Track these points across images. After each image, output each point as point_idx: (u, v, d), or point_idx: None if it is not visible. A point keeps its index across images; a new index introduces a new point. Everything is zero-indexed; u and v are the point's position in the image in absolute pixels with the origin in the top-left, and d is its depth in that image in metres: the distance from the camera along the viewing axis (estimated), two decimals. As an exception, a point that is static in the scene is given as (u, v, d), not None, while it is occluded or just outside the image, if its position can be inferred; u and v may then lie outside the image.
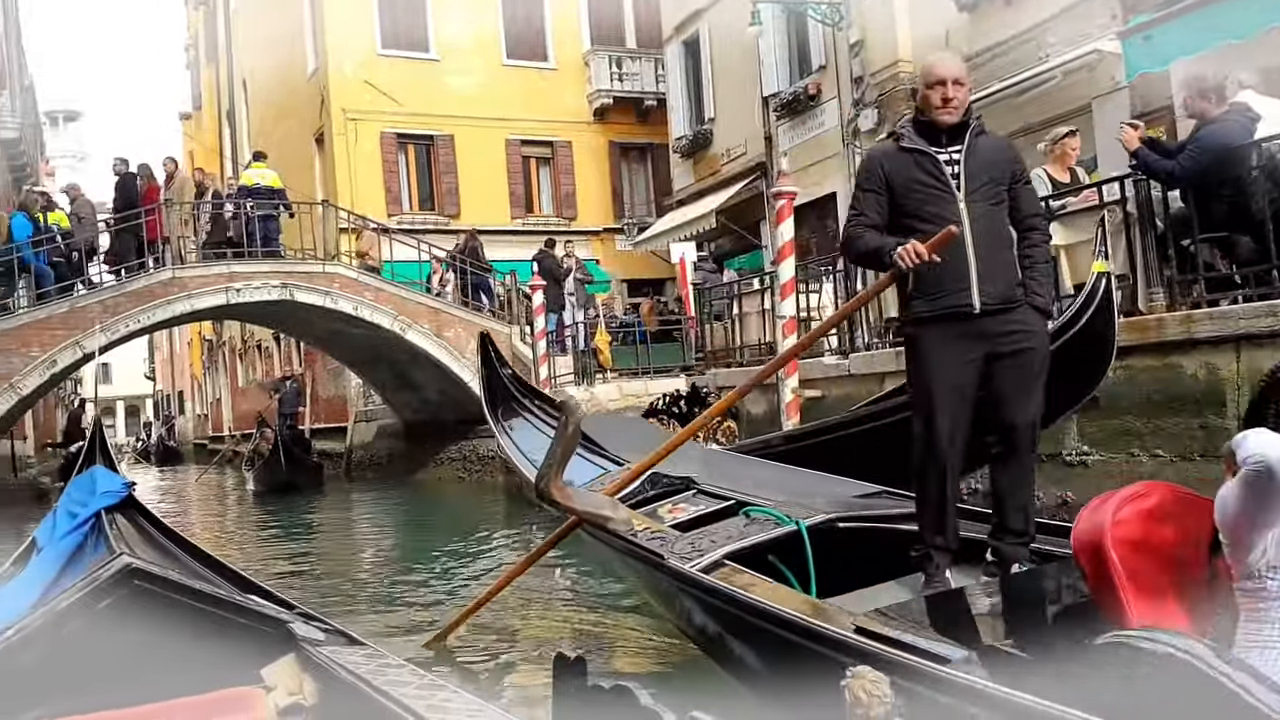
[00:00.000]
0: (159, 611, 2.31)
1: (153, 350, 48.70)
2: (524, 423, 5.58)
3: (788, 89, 16.51)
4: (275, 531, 11.91)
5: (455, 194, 19.96)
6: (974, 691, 2.01)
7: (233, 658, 2.39)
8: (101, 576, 2.29)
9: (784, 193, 9.13)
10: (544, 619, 6.02)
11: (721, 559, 2.86)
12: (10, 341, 11.84)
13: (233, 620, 2.43)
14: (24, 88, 20.46)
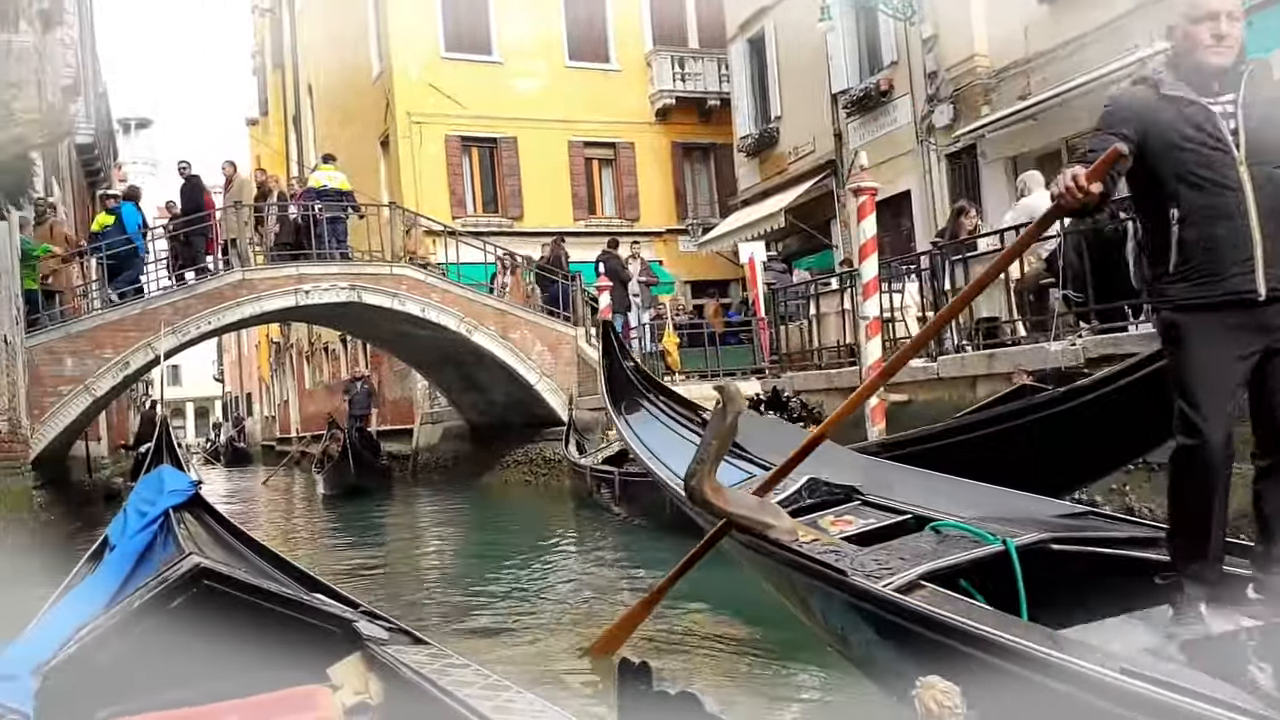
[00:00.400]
0: (227, 610, 2.33)
1: (221, 353, 49.66)
2: (648, 417, 5.30)
3: (858, 85, 16.18)
4: (342, 533, 11.94)
5: (518, 196, 19.91)
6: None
7: (299, 656, 2.40)
8: (172, 576, 2.32)
9: (865, 188, 8.84)
10: (609, 621, 5.85)
11: (918, 579, 2.57)
12: (84, 343, 11.99)
13: (299, 619, 2.45)
14: (98, 95, 20.83)
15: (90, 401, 12.04)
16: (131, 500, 3.93)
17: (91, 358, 11.99)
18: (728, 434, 2.92)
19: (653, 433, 5.01)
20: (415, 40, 19.41)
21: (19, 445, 8.96)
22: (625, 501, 9.69)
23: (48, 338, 11.75)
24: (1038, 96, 12.63)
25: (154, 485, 3.96)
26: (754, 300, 14.08)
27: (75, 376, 11.84)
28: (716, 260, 20.91)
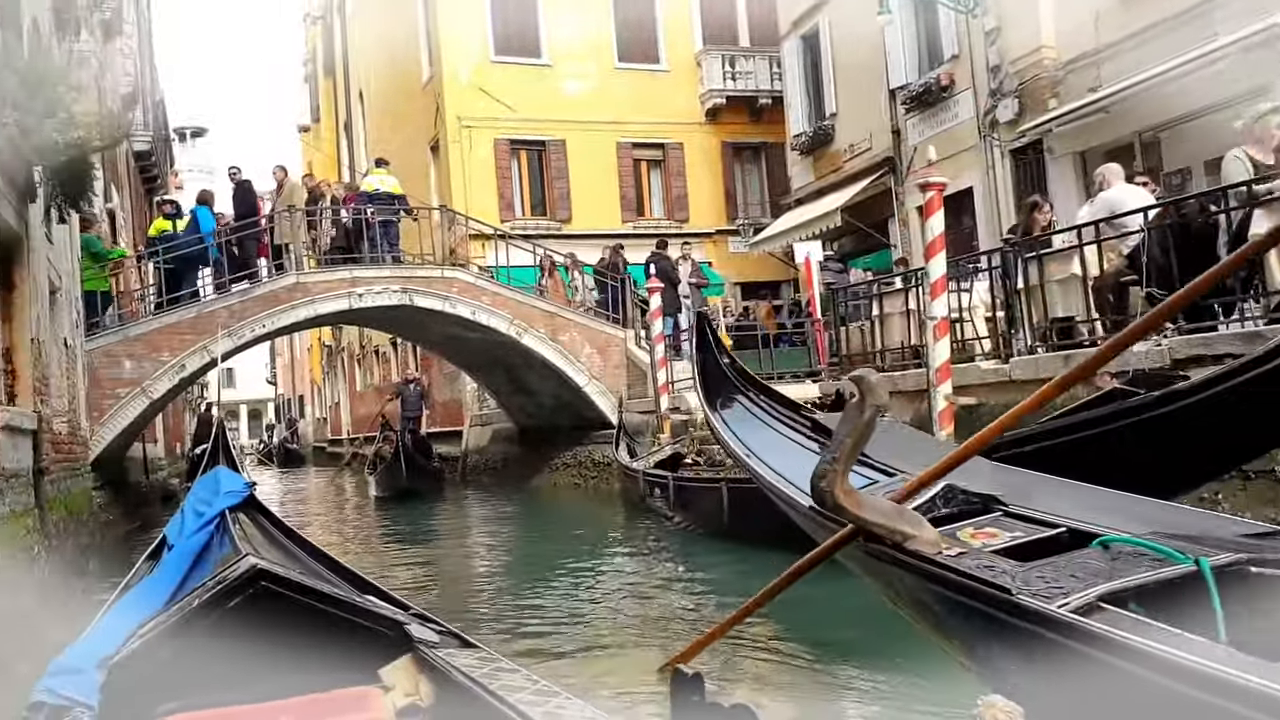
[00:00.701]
0: (283, 611, 2.36)
1: (274, 356, 50.37)
2: (746, 415, 5.02)
3: (917, 81, 15.79)
4: (393, 535, 11.88)
5: (567, 198, 19.79)
6: None
7: (351, 657, 2.43)
8: (230, 577, 2.35)
9: (933, 183, 8.57)
10: (663, 631, 5.82)
11: (1096, 601, 2.28)
12: (142, 346, 12.10)
13: (352, 620, 2.47)
14: (155, 104, 21.14)
15: (147, 404, 12.17)
16: (189, 501, 4.00)
17: (149, 360, 12.10)
18: (865, 431, 2.58)
19: (752, 432, 4.74)
20: (465, 44, 19.40)
21: (79, 447, 9.04)
22: (680, 507, 9.45)
23: (106, 341, 11.88)
24: (1109, 89, 12.17)
25: (210, 486, 4.04)
26: (810, 301, 13.74)
27: (133, 379, 11.96)
28: (767, 261, 20.57)
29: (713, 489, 8.59)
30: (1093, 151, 12.88)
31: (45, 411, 6.72)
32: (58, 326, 8.00)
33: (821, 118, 18.16)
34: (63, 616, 5.99)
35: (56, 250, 8.15)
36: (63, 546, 6.82)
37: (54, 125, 5.78)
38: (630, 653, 5.52)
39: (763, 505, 7.86)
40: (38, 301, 6.74)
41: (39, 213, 6.73)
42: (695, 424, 12.62)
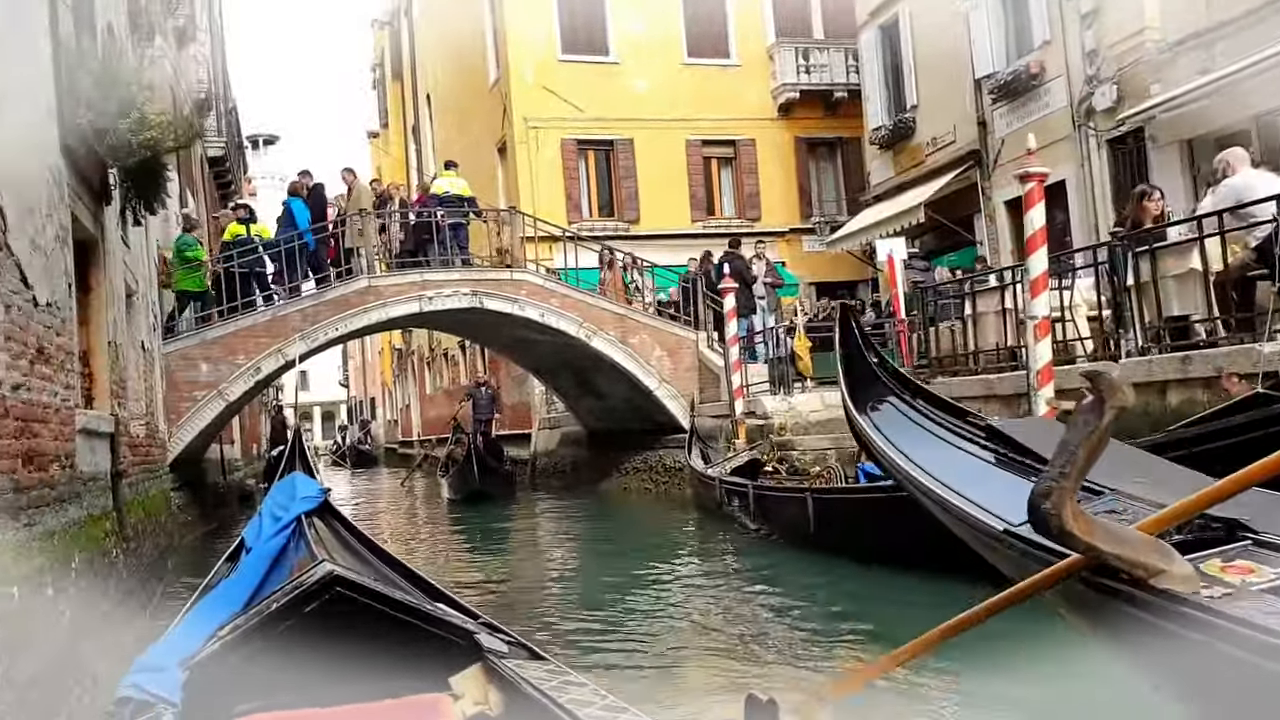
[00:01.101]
0: (357, 617, 2.39)
1: (346, 359, 51.17)
2: (902, 420, 4.56)
3: (1005, 69, 15.12)
4: (464, 539, 11.75)
5: (635, 198, 19.48)
6: None
7: (422, 664, 2.45)
8: (306, 583, 2.39)
9: (1034, 173, 8.03)
10: (743, 648, 5.61)
11: None
12: (218, 350, 12.11)
13: (423, 628, 2.49)
14: (228, 111, 21.41)
15: (223, 406, 12.18)
16: (266, 505, 4.11)
17: (225, 364, 12.11)
18: (1100, 441, 2.10)
19: (911, 440, 4.27)
20: (531, 43, 19.21)
21: (156, 449, 9.04)
22: (761, 516, 9.05)
23: (184, 344, 11.92)
24: (1222, 70, 11.39)
25: (287, 491, 4.15)
26: (893, 301, 13.20)
27: (210, 382, 11.97)
28: (843, 260, 19.97)
29: (797, 498, 8.19)
30: (1201, 139, 12.12)
31: (123, 414, 6.63)
32: (135, 330, 7.95)
33: (902, 110, 17.56)
34: (140, 619, 5.91)
35: (133, 254, 8.11)
36: (141, 548, 6.74)
37: (127, 126, 5.66)
38: (705, 670, 5.29)
39: (852, 516, 7.52)
40: (114, 304, 6.66)
41: (114, 215, 6.64)
42: (771, 429, 12.22)
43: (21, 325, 3.91)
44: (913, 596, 6.22)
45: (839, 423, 12.36)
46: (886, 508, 6.94)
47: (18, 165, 4.04)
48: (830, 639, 5.73)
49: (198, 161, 17.50)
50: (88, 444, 5.19)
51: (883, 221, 16.39)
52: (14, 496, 3.54)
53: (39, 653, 3.55)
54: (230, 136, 20.62)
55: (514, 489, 16.14)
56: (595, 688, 2.38)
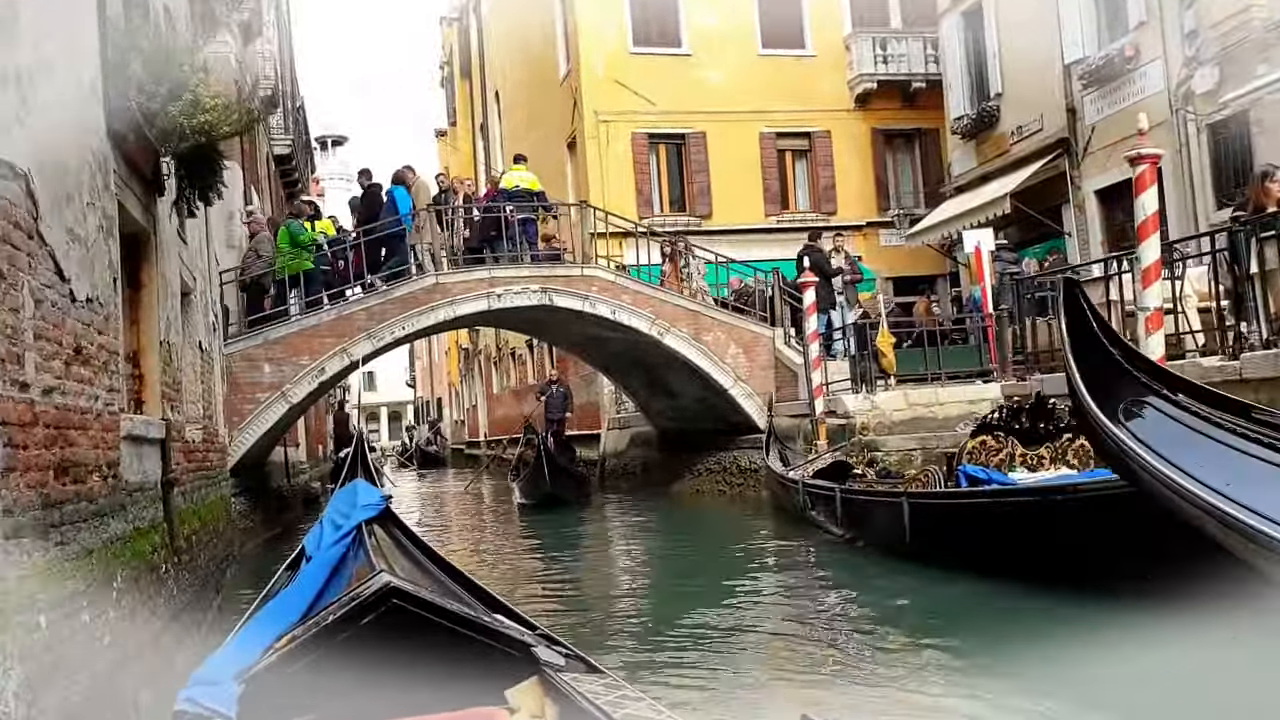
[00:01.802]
0: (414, 628, 2.34)
1: (413, 359, 51.55)
2: (1172, 426, 3.81)
3: (1097, 54, 14.38)
4: (532, 548, 11.24)
5: (707, 193, 18.97)
6: None
7: (479, 676, 2.41)
8: (364, 594, 2.35)
9: (1146, 155, 7.43)
10: (815, 669, 5.28)
11: None
12: (281, 350, 11.87)
13: (481, 641, 2.45)
14: (295, 109, 21.45)
15: (287, 408, 11.95)
16: (328, 513, 4.12)
17: (288, 364, 11.85)
18: None
19: (1175, 444, 3.62)
20: (602, 37, 18.85)
21: (215, 454, 8.75)
22: (849, 522, 8.45)
23: (246, 345, 11.71)
24: None
25: (348, 499, 4.13)
26: (981, 294, 12.47)
27: (273, 383, 11.72)
28: (922, 254, 19.28)
29: (890, 504, 7.59)
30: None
31: (176, 418, 6.32)
32: (192, 329, 7.67)
33: (985, 99, 16.79)
34: (193, 637, 5.59)
35: (191, 251, 7.84)
36: (195, 561, 6.45)
37: (179, 109, 5.33)
38: (776, 690, 4.97)
39: (954, 524, 6.91)
40: (167, 302, 6.36)
41: (168, 207, 6.34)
42: (854, 429, 11.62)
43: (55, 323, 3.57)
44: (1024, 613, 5.66)
45: (924, 422, 11.79)
46: (993, 514, 6.37)
47: (54, 146, 3.71)
48: (925, 659, 5.22)
49: (264, 160, 17.50)
50: (135, 451, 4.86)
51: (966, 213, 15.68)
52: (42, 513, 3.19)
53: (72, 685, 3.25)
54: (297, 135, 20.64)
55: (589, 492, 15.46)
56: (652, 702, 2.35)
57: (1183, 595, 4.40)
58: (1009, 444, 7.15)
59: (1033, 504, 5.91)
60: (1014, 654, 4.88)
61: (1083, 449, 7.23)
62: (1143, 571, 4.99)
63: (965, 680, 4.77)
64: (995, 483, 6.78)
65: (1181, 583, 4.44)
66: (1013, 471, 7.03)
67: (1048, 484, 6.32)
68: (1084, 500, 5.64)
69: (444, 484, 25.20)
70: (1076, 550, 5.65)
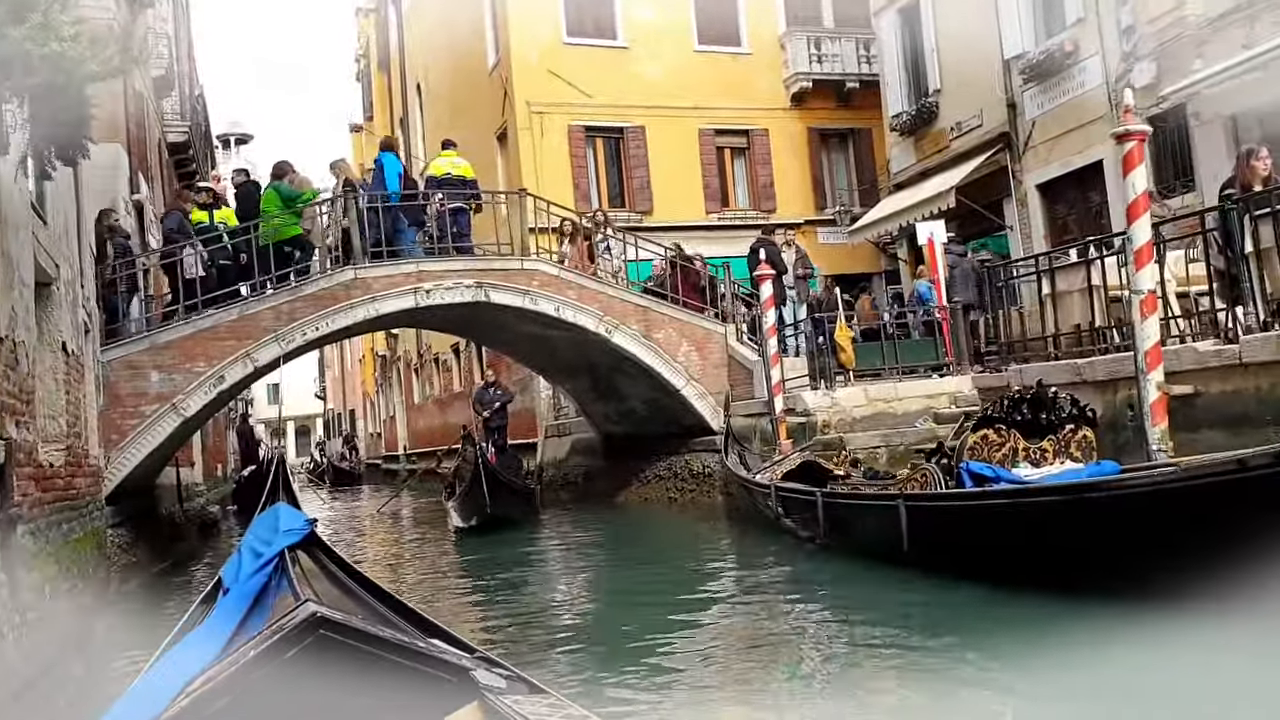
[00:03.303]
0: (344, 659, 2.17)
1: (323, 368, 49.53)
2: None
3: (1036, 49, 14.35)
4: (466, 574, 9.92)
5: (647, 189, 18.36)
6: None
7: (416, 705, 2.29)
8: (287, 626, 2.16)
9: (1134, 132, 7.14)
10: (723, 668, 5.23)
11: None
12: (172, 355, 10.52)
13: (416, 668, 2.30)
14: (193, 96, 20.17)
15: (179, 422, 10.53)
16: (246, 540, 3.86)
17: (180, 372, 10.49)
18: None
19: None
20: (535, 26, 18.13)
21: (84, 479, 7.25)
22: (834, 529, 7.78)
23: (129, 350, 10.30)
24: (1268, 44, 10.77)
25: (269, 524, 3.92)
26: (935, 286, 12.11)
27: (162, 394, 10.35)
28: (859, 252, 19.24)
29: (884, 507, 6.95)
30: (1246, 115, 11.53)
31: (22, 436, 5.05)
32: (53, 328, 6.35)
33: (924, 95, 16.66)
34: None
35: (51, 232, 6.51)
36: (49, 618, 5.21)
37: (24, 33, 4.23)
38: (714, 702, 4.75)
39: (961, 528, 6.33)
40: (12, 290, 5.10)
41: (10, 168, 5.10)
42: (815, 426, 11.08)
43: None
44: (1042, 621, 5.13)
45: (884, 418, 11.31)
46: (1012, 516, 5.78)
47: None
48: (928, 673, 4.79)
49: (155, 145, 16.20)
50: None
51: (909, 208, 15.54)
52: None
53: None
54: (195, 124, 19.26)
55: (537, 509, 13.93)
56: (597, 718, 2.34)
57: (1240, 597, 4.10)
58: (1011, 438, 6.62)
59: (1061, 504, 5.33)
60: (1018, 658, 4.55)
61: (1085, 440, 6.78)
62: (1194, 573, 4.49)
63: (997, 701, 4.35)
64: (1005, 481, 6.23)
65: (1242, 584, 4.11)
66: (1016, 467, 6.50)
67: (1075, 481, 5.79)
68: (1123, 497, 5.10)
69: (360, 504, 23.00)
70: (1111, 553, 5.11)
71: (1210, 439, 7.13)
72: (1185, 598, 4.35)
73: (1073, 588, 5.22)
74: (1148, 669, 4.33)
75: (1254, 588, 4.06)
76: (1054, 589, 5.31)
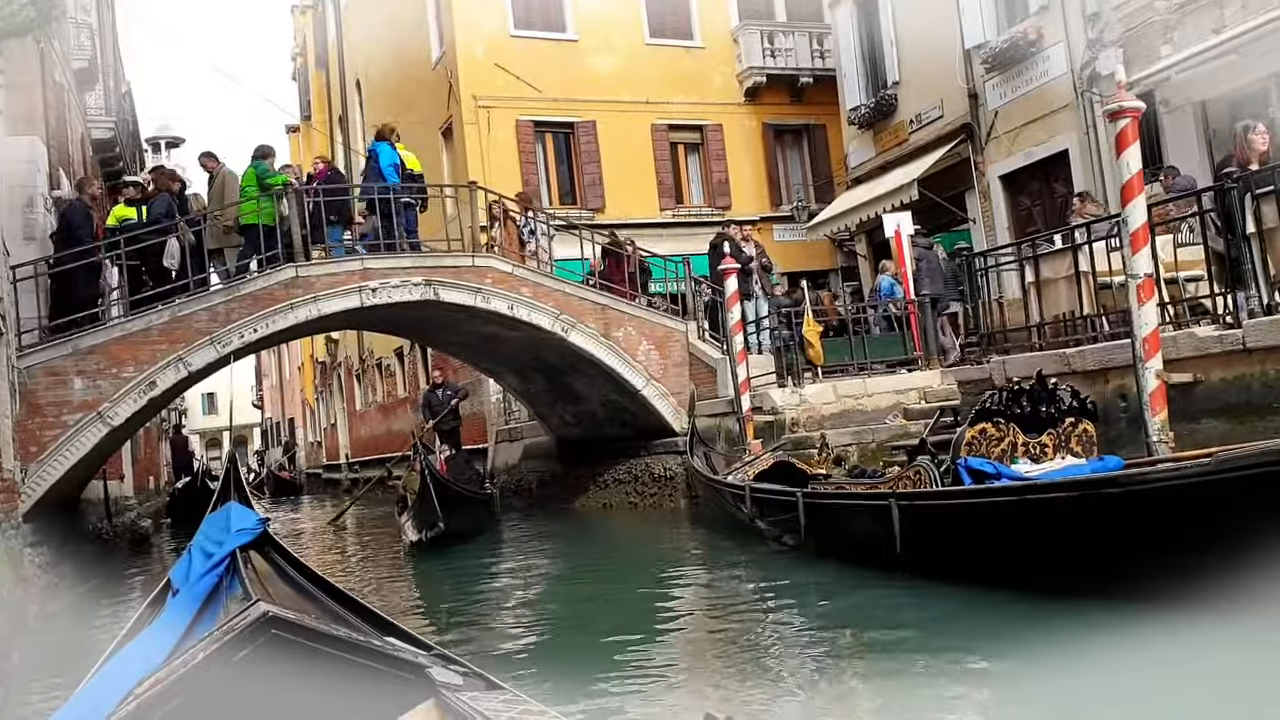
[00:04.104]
0: (297, 659, 2.13)
1: (259, 376, 48.03)
2: None
3: (999, 38, 14.08)
4: (418, 589, 9.29)
5: (599, 185, 17.78)
6: None
7: (371, 703, 2.25)
8: (239, 625, 2.11)
9: (1128, 109, 6.80)
10: (698, 670, 5.12)
11: None
12: (97, 360, 9.71)
13: (371, 666, 2.27)
14: (119, 93, 19.23)
15: (106, 432, 9.73)
16: (197, 540, 3.82)
17: (107, 378, 9.70)
18: None
19: None
20: (480, 17, 17.50)
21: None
22: (815, 531, 7.29)
23: (48, 355, 9.48)
24: (1236, 29, 10.62)
25: (220, 524, 3.90)
26: (903, 279, 11.75)
27: (87, 401, 9.56)
28: (815, 250, 18.98)
29: (873, 507, 6.48)
30: (1216, 101, 11.41)
31: None
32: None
33: (883, 87, 16.37)
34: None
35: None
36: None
37: None
38: (664, 689, 4.71)
39: (965, 529, 5.87)
40: None
41: None
42: (783, 425, 10.62)
43: None
44: (1054, 626, 4.69)
45: (853, 415, 10.89)
46: (1011, 515, 5.33)
47: None
48: (765, 654, 4.76)
49: (78, 141, 15.25)
50: None
51: (869, 202, 15.23)
52: None
53: None
54: (121, 120, 18.28)
55: (496, 517, 12.67)
56: (555, 714, 2.32)
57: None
58: (1010, 432, 6.17)
59: (1076, 500, 4.89)
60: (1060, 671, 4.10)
61: (1085, 434, 6.37)
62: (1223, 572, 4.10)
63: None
64: (1007, 477, 5.79)
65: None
66: (1015, 463, 6.07)
67: (1092, 475, 5.38)
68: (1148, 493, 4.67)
69: (302, 517, 21.74)
70: (1131, 552, 4.68)
71: (1212, 429, 6.84)
72: (1218, 599, 4.06)
73: (1086, 590, 4.81)
74: (1192, 678, 3.92)
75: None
76: (1063, 592, 4.89)
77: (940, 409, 9.26)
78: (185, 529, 18.37)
